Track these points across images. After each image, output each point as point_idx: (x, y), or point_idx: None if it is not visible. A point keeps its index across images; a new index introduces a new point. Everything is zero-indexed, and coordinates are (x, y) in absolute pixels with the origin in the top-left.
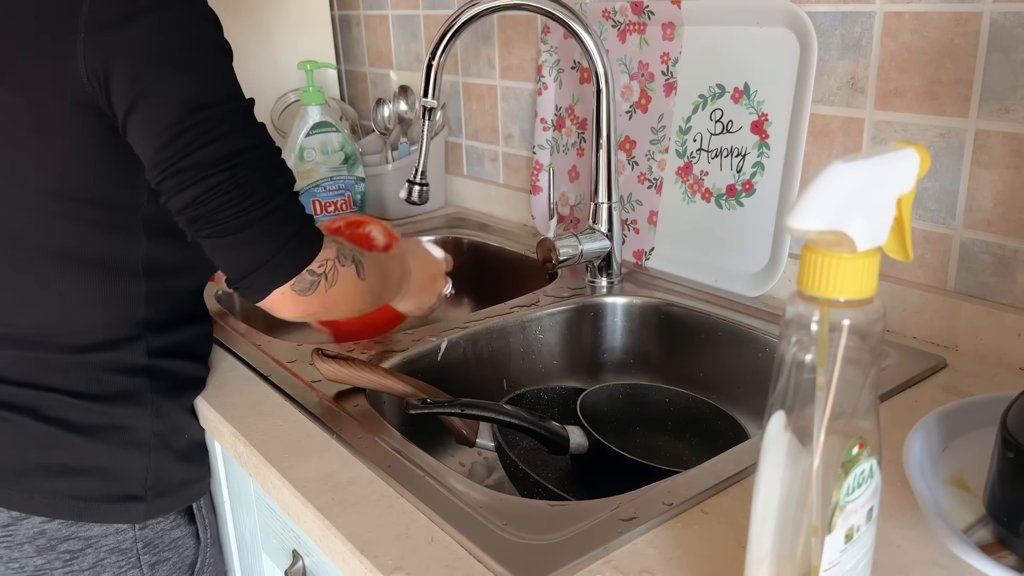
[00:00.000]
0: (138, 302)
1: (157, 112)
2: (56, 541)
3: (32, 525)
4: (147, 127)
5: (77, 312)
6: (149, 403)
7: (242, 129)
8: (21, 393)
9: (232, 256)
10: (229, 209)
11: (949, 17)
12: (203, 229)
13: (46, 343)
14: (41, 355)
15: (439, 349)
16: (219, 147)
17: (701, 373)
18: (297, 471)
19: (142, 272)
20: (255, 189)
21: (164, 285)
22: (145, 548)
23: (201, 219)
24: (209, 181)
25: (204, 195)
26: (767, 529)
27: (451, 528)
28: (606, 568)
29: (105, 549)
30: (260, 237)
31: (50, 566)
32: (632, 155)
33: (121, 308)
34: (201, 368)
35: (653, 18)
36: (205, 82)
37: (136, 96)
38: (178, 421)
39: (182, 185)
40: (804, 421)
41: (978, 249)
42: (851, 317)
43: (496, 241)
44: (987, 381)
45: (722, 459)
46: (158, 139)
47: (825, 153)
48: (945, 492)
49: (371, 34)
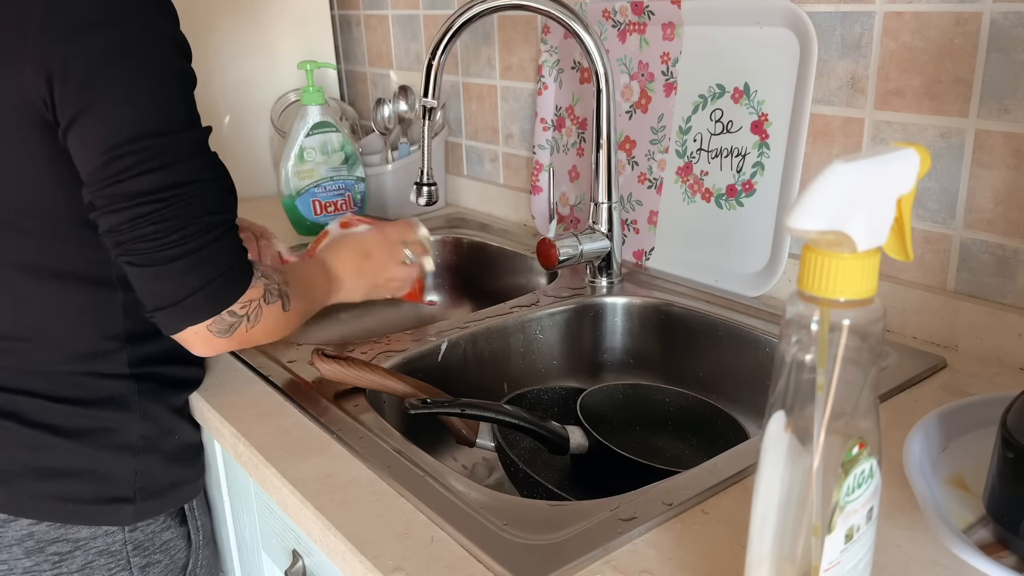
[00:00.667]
0: (116, 314)
1: (96, 132)
2: (44, 543)
3: (20, 527)
4: (84, 145)
5: (56, 325)
6: (135, 406)
7: (186, 161)
8: (3, 398)
9: (150, 287)
10: (152, 241)
11: (949, 17)
12: (124, 255)
13: (27, 353)
14: (23, 364)
15: (439, 349)
16: (155, 177)
17: (701, 373)
18: (297, 471)
19: (117, 283)
20: (184, 224)
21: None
22: (135, 550)
23: (123, 244)
24: (136, 210)
25: (128, 223)
26: (767, 529)
27: (451, 528)
28: (606, 568)
29: (94, 551)
30: (180, 274)
31: (38, 568)
32: (632, 155)
33: (100, 320)
34: (193, 370)
35: (653, 18)
36: (155, 109)
37: (77, 112)
38: (167, 423)
39: (109, 208)
40: (804, 421)
41: (978, 249)
42: (851, 317)
43: (496, 241)
44: (987, 381)
45: (722, 459)
46: (94, 159)
47: (825, 153)
48: (945, 492)
49: (371, 34)
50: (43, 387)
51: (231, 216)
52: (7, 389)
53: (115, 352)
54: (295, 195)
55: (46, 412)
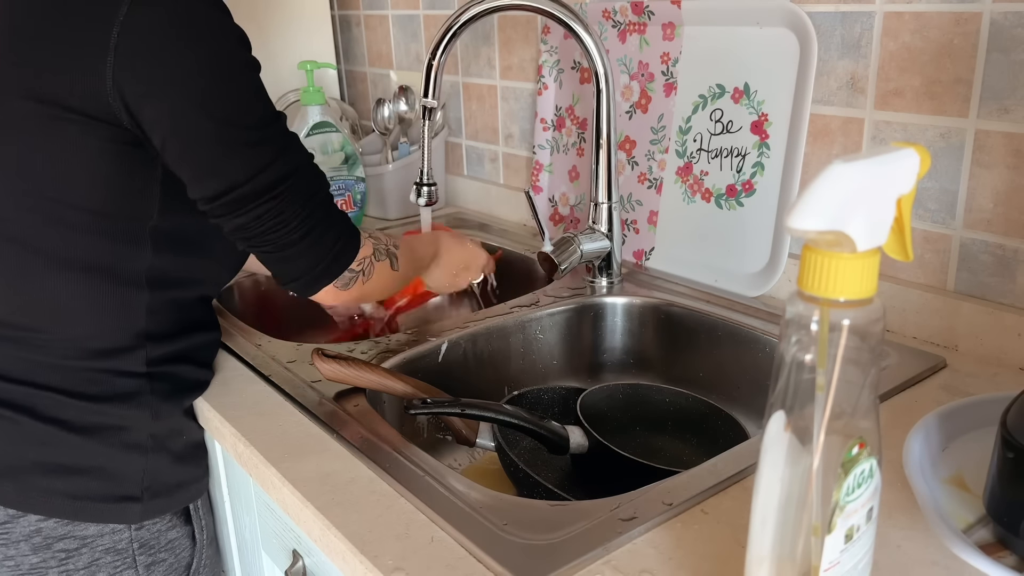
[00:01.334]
0: (139, 312)
1: (195, 149)
2: (52, 540)
3: (28, 523)
4: (186, 162)
5: (78, 319)
6: (147, 405)
7: (281, 155)
8: (19, 391)
9: (282, 267)
10: (276, 232)
11: (949, 17)
12: (253, 248)
13: (45, 345)
14: (40, 356)
15: (439, 349)
16: (264, 178)
17: (701, 373)
18: (297, 471)
19: (145, 283)
20: (297, 212)
21: (167, 296)
22: (141, 548)
23: (250, 240)
24: (255, 212)
25: (253, 223)
26: (767, 529)
27: (451, 528)
28: (606, 568)
29: (101, 549)
30: (306, 251)
31: (45, 565)
32: (632, 155)
33: (122, 317)
34: (204, 372)
35: (653, 18)
36: (240, 114)
37: (169, 132)
38: (176, 423)
39: (229, 214)
40: (804, 421)
41: (978, 249)
42: (851, 317)
43: (496, 241)
44: (987, 381)
45: (722, 459)
46: (199, 177)
47: (825, 153)
48: (945, 492)
49: (371, 34)
50: (59, 381)
51: (327, 185)
52: (24, 383)
53: (134, 350)
54: None
55: (59, 407)
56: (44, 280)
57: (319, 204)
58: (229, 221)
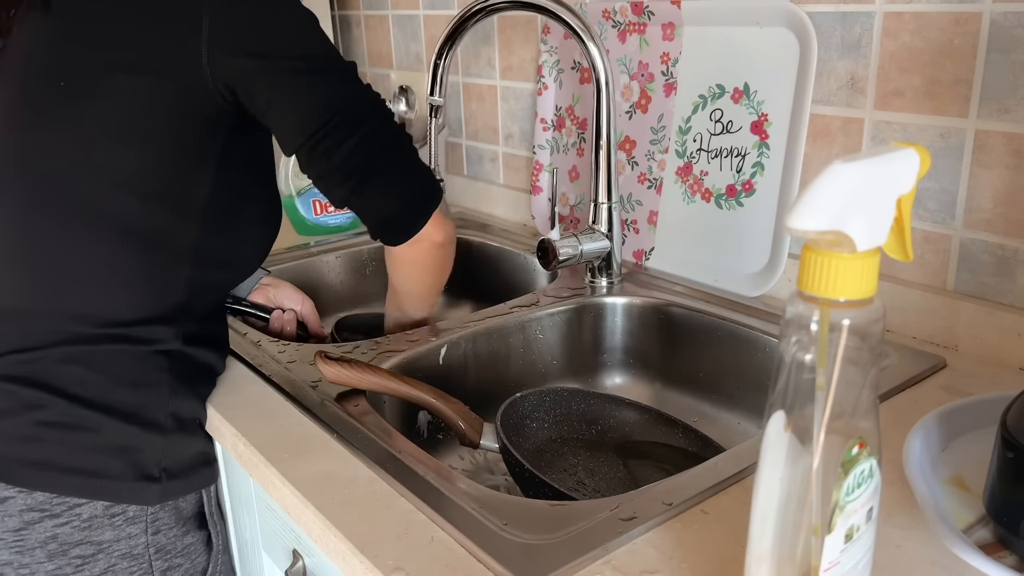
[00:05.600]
0: (180, 286)
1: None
2: (68, 546)
3: (44, 529)
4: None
5: (124, 286)
6: (168, 385)
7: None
8: (40, 368)
9: (396, 190)
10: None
11: (949, 17)
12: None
13: (82, 316)
14: (72, 328)
15: (440, 350)
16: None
17: (701, 373)
18: (297, 471)
19: (191, 258)
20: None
21: (206, 275)
22: (157, 554)
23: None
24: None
25: (360, 145)
26: (767, 529)
27: (451, 528)
28: (606, 568)
29: (117, 555)
30: (412, 169)
31: (61, 571)
32: (632, 155)
33: (164, 289)
34: (220, 363)
35: (653, 18)
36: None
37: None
38: (194, 407)
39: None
40: (804, 421)
41: (978, 249)
42: (851, 317)
43: (496, 241)
44: (987, 381)
45: (722, 459)
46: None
47: (825, 153)
48: (945, 492)
49: (371, 34)
50: (87, 358)
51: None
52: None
53: (171, 323)
54: (295, 195)
55: (82, 386)
56: (106, 247)
57: (401, 130)
58: (335, 154)
